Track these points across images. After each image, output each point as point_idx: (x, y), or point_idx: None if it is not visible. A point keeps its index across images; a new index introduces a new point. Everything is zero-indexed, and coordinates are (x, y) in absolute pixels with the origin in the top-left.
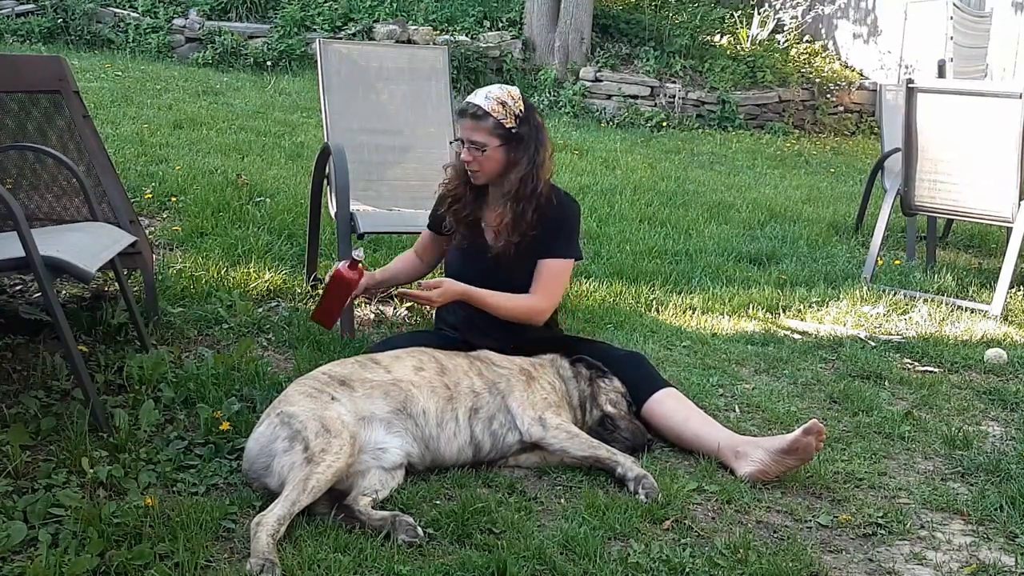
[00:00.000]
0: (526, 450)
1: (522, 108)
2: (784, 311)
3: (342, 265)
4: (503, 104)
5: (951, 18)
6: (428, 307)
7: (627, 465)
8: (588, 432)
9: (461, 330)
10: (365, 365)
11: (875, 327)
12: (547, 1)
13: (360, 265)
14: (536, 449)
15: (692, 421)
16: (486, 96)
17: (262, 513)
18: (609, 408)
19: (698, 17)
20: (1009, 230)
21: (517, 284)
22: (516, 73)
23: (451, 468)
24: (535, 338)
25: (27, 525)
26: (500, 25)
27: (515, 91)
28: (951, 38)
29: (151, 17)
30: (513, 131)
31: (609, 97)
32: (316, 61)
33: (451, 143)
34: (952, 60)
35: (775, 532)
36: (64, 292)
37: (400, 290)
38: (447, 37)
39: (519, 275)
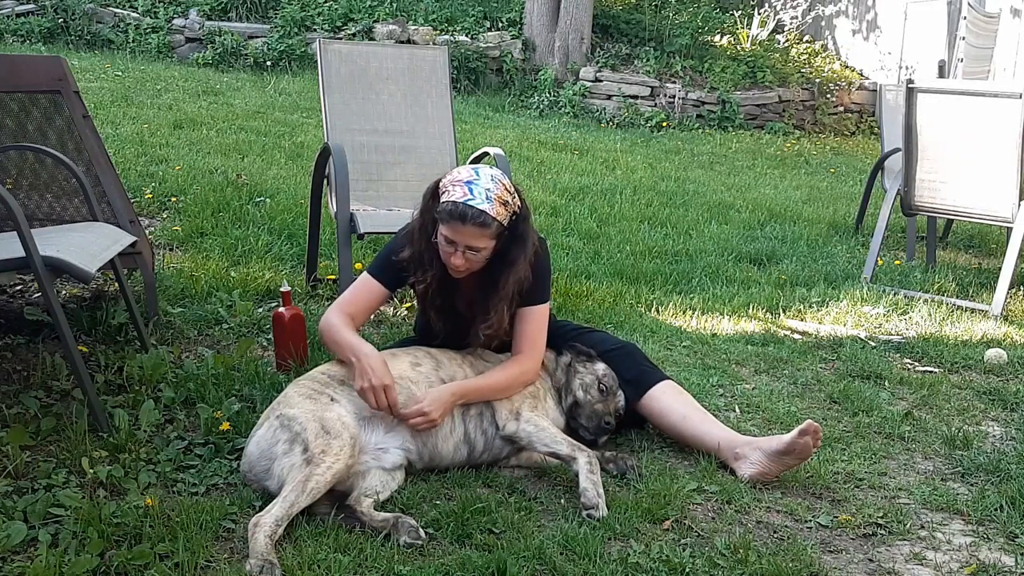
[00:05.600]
0: (525, 450)
1: (519, 203)
2: (784, 311)
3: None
4: (505, 204)
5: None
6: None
7: (580, 463)
8: (567, 420)
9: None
10: None
11: (875, 327)
12: (547, 1)
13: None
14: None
15: (692, 419)
16: (486, 196)
17: (259, 514)
18: (579, 394)
19: (698, 17)
20: (1009, 230)
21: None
22: (516, 73)
23: (450, 469)
24: None
25: (27, 525)
26: (500, 25)
27: (506, 179)
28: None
29: (151, 17)
30: (515, 229)
31: (609, 97)
32: (316, 61)
33: (433, 240)
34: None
35: (775, 532)
36: (64, 292)
37: (398, 415)
38: (447, 37)
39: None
